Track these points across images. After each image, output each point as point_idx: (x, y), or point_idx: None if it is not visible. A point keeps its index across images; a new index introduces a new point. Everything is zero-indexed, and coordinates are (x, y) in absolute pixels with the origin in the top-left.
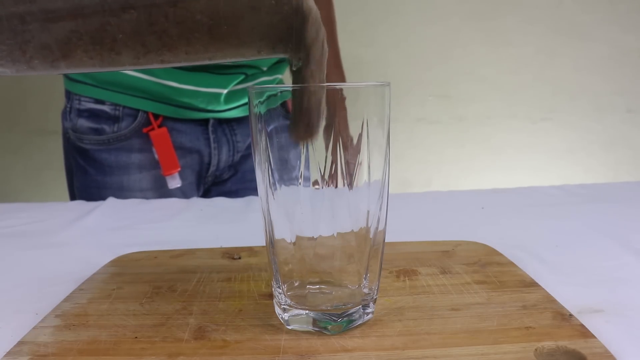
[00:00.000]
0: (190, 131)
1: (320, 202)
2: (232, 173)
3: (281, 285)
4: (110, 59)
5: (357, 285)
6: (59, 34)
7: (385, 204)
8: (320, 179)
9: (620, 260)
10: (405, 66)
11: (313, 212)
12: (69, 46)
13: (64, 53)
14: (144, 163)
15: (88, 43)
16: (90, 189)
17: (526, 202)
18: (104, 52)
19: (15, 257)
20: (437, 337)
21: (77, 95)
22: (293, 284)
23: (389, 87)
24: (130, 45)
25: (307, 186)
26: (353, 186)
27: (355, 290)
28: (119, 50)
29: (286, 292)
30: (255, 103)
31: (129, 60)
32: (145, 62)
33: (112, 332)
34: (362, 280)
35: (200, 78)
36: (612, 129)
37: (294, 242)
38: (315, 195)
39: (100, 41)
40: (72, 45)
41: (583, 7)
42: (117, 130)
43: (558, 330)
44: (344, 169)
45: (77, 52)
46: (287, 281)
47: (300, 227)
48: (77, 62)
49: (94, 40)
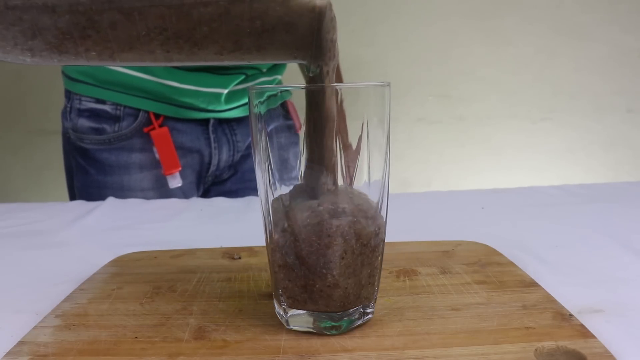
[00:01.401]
0: (190, 131)
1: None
2: (232, 173)
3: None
4: (190, 53)
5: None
6: (134, 29)
7: (385, 204)
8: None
9: (621, 260)
10: (405, 66)
11: None
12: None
13: (131, 46)
14: (145, 163)
15: (170, 38)
16: (90, 189)
17: (526, 202)
18: (186, 46)
19: (15, 257)
20: (437, 337)
21: (77, 95)
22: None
23: (389, 87)
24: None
25: None
26: (353, 186)
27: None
28: (203, 44)
29: (286, 292)
30: (255, 103)
31: (210, 56)
32: (228, 59)
33: (112, 332)
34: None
35: (201, 78)
36: (612, 129)
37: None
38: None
39: (187, 35)
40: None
41: (583, 7)
42: (118, 130)
43: (558, 330)
44: (344, 169)
45: (152, 45)
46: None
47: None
48: (140, 57)
49: (177, 35)
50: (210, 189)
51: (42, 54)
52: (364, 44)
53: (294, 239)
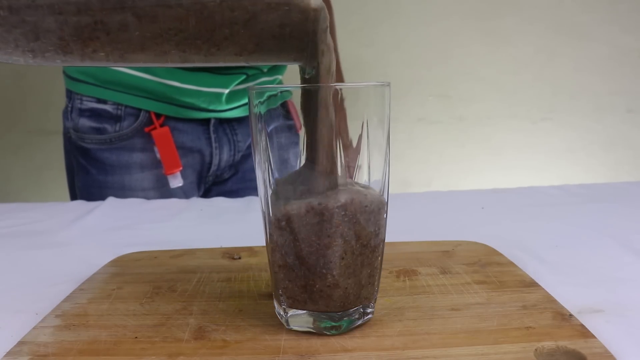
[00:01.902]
0: (191, 131)
1: None
2: (233, 172)
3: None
4: (209, 53)
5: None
6: (148, 30)
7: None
8: None
9: (621, 260)
10: (405, 66)
11: None
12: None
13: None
14: (146, 162)
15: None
16: (92, 189)
17: (526, 202)
18: (204, 46)
19: (15, 257)
20: (437, 337)
21: (78, 95)
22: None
23: (389, 87)
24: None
25: None
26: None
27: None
28: (223, 45)
29: (286, 292)
30: (255, 103)
31: (229, 57)
32: (247, 60)
33: (112, 332)
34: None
35: (202, 78)
36: (612, 129)
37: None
38: None
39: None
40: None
41: (583, 7)
42: (119, 130)
43: (558, 330)
44: (344, 169)
45: (165, 46)
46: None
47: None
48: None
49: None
50: (211, 188)
51: (45, 55)
52: (364, 44)
53: (293, 238)
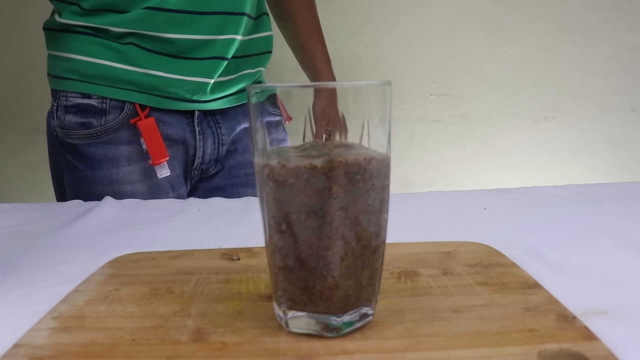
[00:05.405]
0: (176, 123)
1: None
2: (219, 169)
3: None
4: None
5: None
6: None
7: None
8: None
9: (625, 262)
10: (406, 65)
11: None
12: None
13: None
14: (132, 155)
15: None
16: (80, 185)
17: (529, 203)
18: None
19: (11, 258)
20: (438, 339)
21: (63, 92)
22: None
23: (390, 85)
24: None
25: None
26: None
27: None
28: None
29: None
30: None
31: None
32: None
33: (109, 335)
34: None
35: (186, 65)
36: (617, 128)
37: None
38: None
39: None
40: None
41: (587, 5)
42: (105, 123)
43: (561, 333)
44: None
45: None
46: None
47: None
48: None
49: None
50: (198, 185)
51: None
52: (365, 42)
53: (293, 240)
